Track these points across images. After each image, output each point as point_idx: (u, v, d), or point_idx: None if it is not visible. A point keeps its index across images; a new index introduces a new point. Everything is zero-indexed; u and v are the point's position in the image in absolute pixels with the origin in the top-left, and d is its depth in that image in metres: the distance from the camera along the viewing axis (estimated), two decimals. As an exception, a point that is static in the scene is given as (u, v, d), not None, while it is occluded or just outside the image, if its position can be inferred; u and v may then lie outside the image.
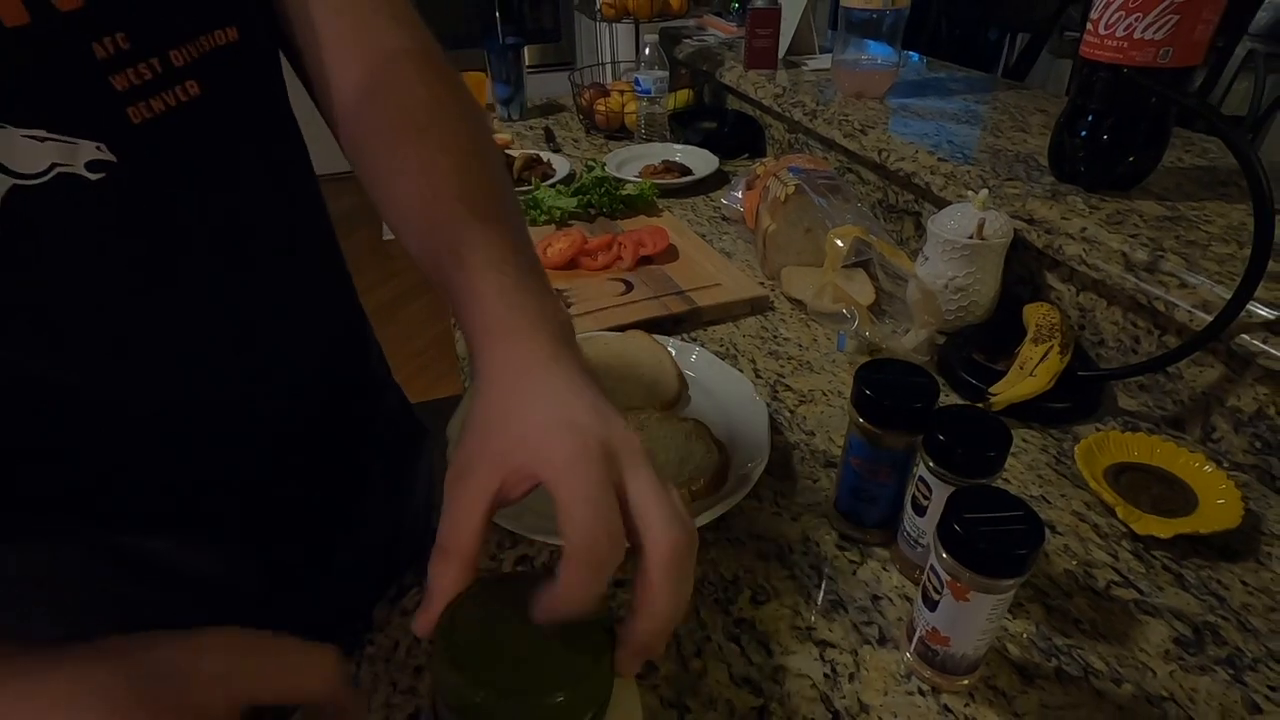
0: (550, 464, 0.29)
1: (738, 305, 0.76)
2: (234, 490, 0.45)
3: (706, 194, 1.08)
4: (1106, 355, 0.64)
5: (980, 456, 0.39)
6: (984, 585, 0.35)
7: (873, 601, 0.45)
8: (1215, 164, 0.74)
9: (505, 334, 0.34)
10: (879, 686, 0.40)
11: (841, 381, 0.65)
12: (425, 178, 0.39)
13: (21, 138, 0.30)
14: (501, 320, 0.34)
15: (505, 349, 0.33)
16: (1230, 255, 0.56)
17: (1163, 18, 0.58)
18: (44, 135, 0.31)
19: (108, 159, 0.33)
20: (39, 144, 0.31)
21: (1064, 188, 0.69)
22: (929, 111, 0.95)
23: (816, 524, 0.50)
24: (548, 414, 0.31)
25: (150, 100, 0.34)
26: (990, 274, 0.67)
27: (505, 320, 0.34)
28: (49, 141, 0.31)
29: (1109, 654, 0.41)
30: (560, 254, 0.82)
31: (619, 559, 0.28)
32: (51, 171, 0.31)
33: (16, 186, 0.31)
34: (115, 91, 0.33)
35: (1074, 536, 0.49)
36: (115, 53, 0.33)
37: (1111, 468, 0.53)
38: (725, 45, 1.41)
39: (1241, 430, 0.55)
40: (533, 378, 0.32)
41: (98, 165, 0.33)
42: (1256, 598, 0.44)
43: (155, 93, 0.34)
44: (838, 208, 0.76)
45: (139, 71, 0.34)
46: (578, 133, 1.39)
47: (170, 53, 0.35)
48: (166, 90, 0.35)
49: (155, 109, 0.35)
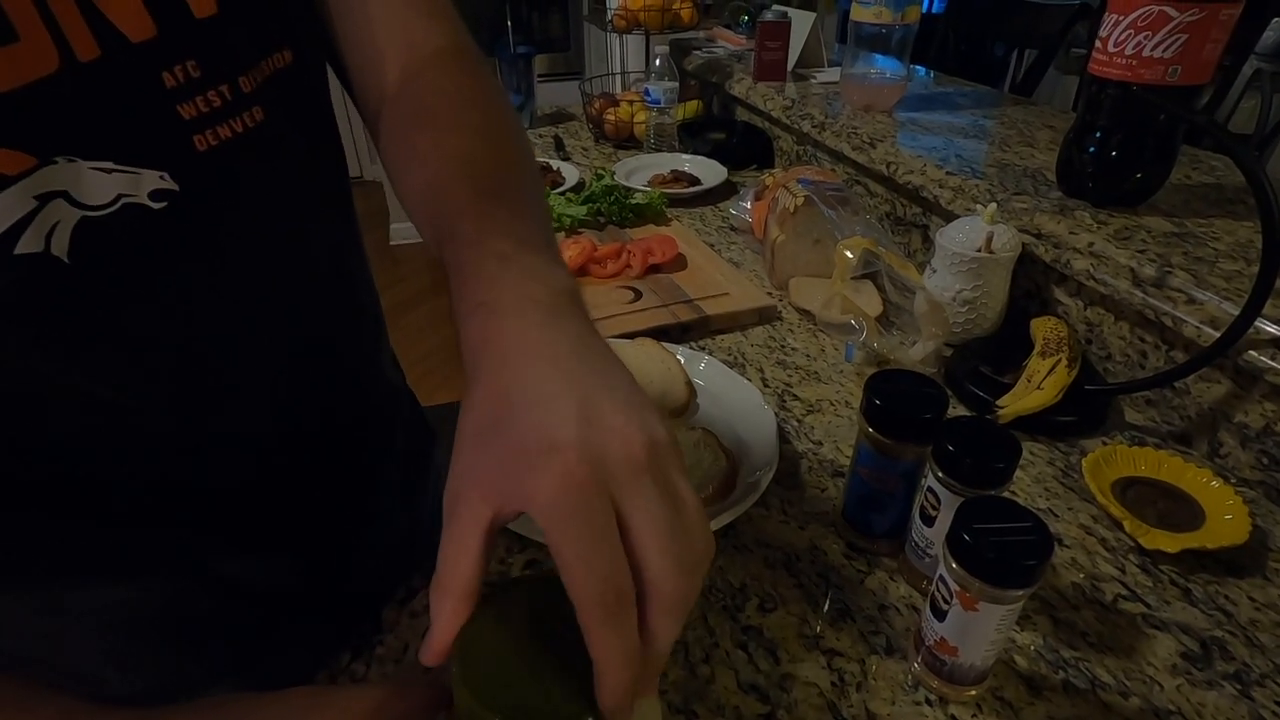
0: (534, 501, 0.25)
1: (746, 314, 0.77)
2: (261, 495, 0.45)
3: (715, 204, 1.09)
4: (1114, 370, 0.64)
5: (989, 468, 0.39)
6: (993, 595, 0.35)
7: (880, 611, 0.45)
8: (1223, 181, 0.75)
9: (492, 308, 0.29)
10: (886, 696, 0.40)
11: (849, 392, 0.65)
12: (433, 162, 0.37)
13: (89, 170, 0.30)
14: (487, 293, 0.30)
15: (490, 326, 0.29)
16: (1238, 272, 0.57)
17: (1172, 36, 0.58)
18: (111, 167, 0.31)
19: (170, 188, 0.33)
20: (106, 175, 0.31)
21: (1072, 203, 0.70)
22: (937, 125, 0.96)
23: (824, 533, 0.50)
24: (527, 431, 0.26)
25: (217, 127, 0.35)
26: (998, 287, 0.68)
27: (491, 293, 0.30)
28: (115, 173, 0.31)
29: (1116, 667, 0.41)
30: (570, 261, 0.83)
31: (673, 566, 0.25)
32: (118, 203, 0.32)
33: (85, 219, 0.31)
34: (182, 120, 0.33)
35: (1081, 550, 0.49)
36: (185, 81, 0.33)
37: (1118, 482, 0.53)
38: (734, 57, 1.43)
39: (1249, 446, 0.55)
40: (515, 371, 0.27)
41: (160, 195, 0.33)
42: (1264, 613, 0.44)
43: (223, 120, 0.35)
44: (846, 219, 0.77)
45: (208, 99, 0.34)
46: (587, 142, 1.40)
47: (240, 79, 0.35)
48: (234, 117, 0.35)
49: (221, 135, 0.35)
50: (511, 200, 0.35)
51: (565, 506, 0.24)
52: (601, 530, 0.24)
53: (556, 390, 0.27)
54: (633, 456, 0.25)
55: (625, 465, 0.25)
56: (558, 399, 0.26)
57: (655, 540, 0.25)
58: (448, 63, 0.43)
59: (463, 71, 0.42)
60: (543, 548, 0.48)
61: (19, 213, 0.29)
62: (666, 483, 0.26)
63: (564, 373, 0.27)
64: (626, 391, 0.27)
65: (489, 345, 0.29)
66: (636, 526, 0.25)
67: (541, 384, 0.27)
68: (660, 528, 0.25)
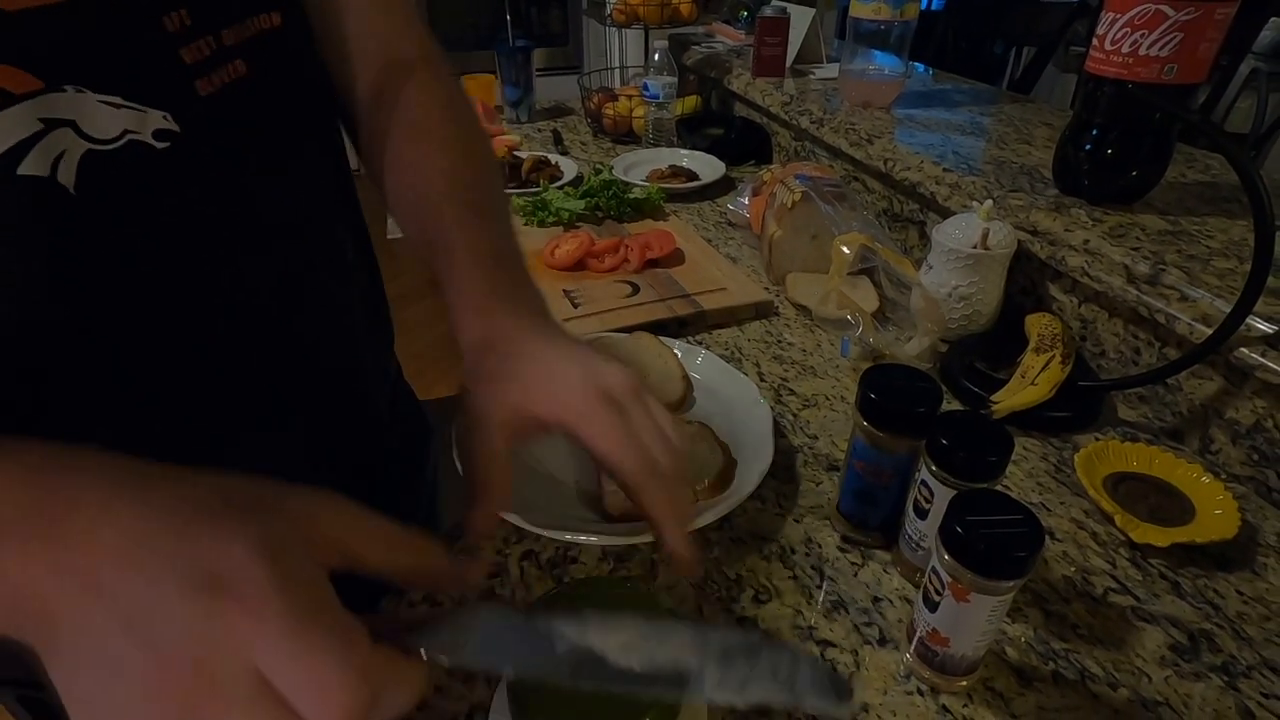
0: (570, 409, 0.35)
1: (743, 309, 0.77)
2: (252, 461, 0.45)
3: (712, 199, 1.09)
4: (1107, 366, 0.65)
5: (982, 461, 0.40)
6: (984, 587, 0.35)
7: (873, 603, 0.45)
8: (1217, 180, 0.75)
9: (491, 311, 0.38)
10: (879, 686, 0.40)
11: (845, 387, 0.66)
12: (420, 175, 0.44)
13: (97, 102, 0.32)
14: (485, 301, 0.39)
15: (492, 323, 0.38)
16: (1231, 270, 0.57)
17: (1168, 35, 0.59)
18: (119, 102, 0.32)
19: (172, 129, 0.35)
20: (114, 110, 0.32)
21: (1068, 200, 0.70)
22: (934, 122, 0.96)
23: (819, 526, 0.51)
24: (552, 370, 0.36)
25: (212, 75, 0.36)
26: (993, 284, 0.68)
27: (489, 301, 0.39)
28: (123, 109, 0.33)
29: (1105, 659, 0.42)
30: (568, 255, 0.83)
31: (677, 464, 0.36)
32: (124, 138, 0.33)
33: (92, 151, 0.32)
34: (185, 64, 0.35)
35: (1072, 543, 0.49)
36: (181, 27, 0.34)
37: (1110, 477, 0.53)
38: (734, 53, 1.43)
39: (1239, 442, 0.55)
40: (525, 343, 0.37)
41: (164, 135, 0.34)
42: (1251, 607, 0.45)
43: (215, 68, 0.36)
44: (844, 215, 0.77)
45: (199, 47, 0.36)
46: (585, 136, 1.40)
47: (222, 32, 0.37)
48: (220, 67, 0.37)
49: (216, 83, 0.37)
50: (491, 214, 0.43)
51: (595, 408, 0.35)
52: (625, 420, 0.35)
53: (559, 355, 0.37)
54: (628, 387, 0.36)
55: (623, 392, 0.36)
56: (561, 360, 0.37)
57: (655, 437, 0.35)
58: (423, 73, 0.46)
59: (437, 81, 0.47)
60: (539, 539, 0.48)
61: (22, 133, 0.30)
62: (652, 405, 0.37)
63: (560, 348, 0.37)
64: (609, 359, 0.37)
65: (499, 332, 0.38)
66: (639, 429, 0.35)
67: (546, 352, 0.37)
68: (656, 428, 0.36)
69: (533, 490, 0.51)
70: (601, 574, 0.47)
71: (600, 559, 0.48)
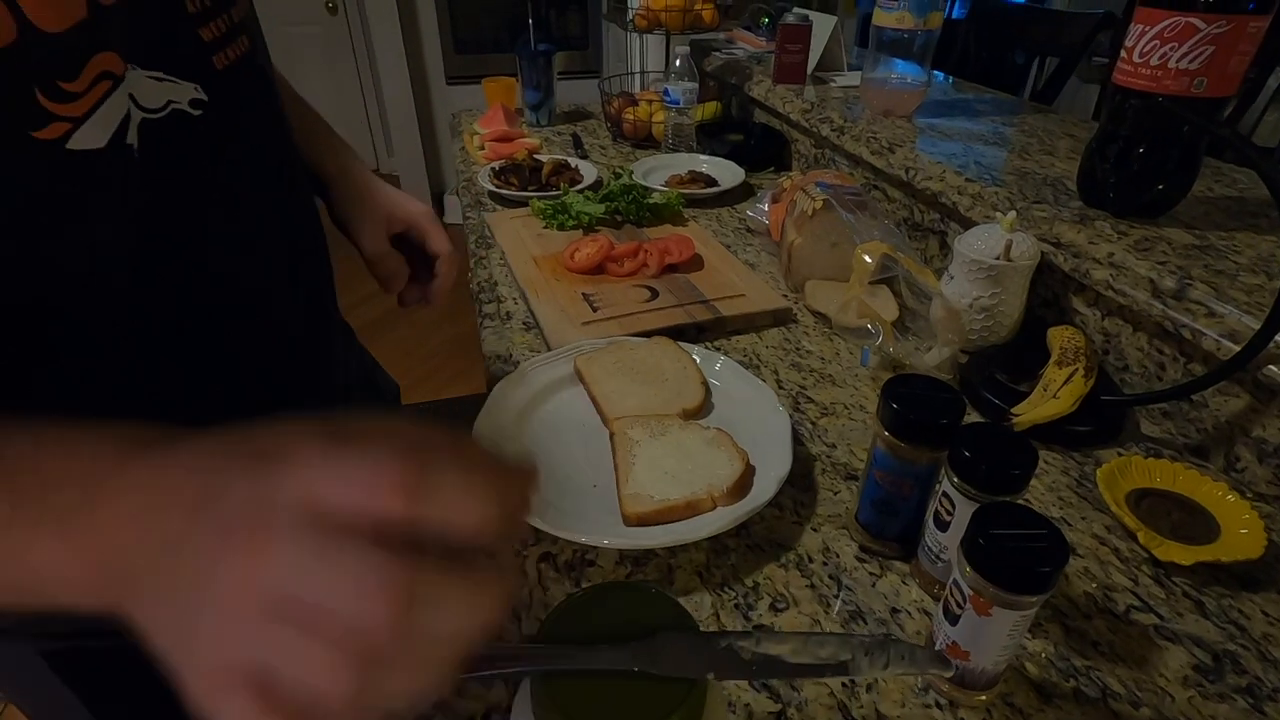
0: (420, 215, 0.66)
1: (761, 316, 0.77)
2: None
3: (732, 205, 1.09)
4: (1131, 381, 0.64)
5: (1005, 474, 0.40)
6: (1007, 601, 0.35)
7: (891, 614, 0.45)
8: (1245, 194, 0.74)
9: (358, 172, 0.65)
10: (896, 698, 0.40)
11: (864, 396, 0.66)
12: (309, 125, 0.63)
13: (146, 78, 0.38)
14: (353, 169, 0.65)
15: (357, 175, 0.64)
16: (1259, 286, 0.56)
17: (1198, 48, 0.58)
18: (162, 76, 0.39)
19: (202, 98, 0.41)
20: (158, 84, 0.38)
21: (1092, 213, 0.69)
22: (956, 132, 0.96)
23: (836, 535, 0.50)
24: (401, 197, 0.66)
25: (226, 50, 0.43)
26: (1015, 295, 0.68)
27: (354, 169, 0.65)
28: (165, 82, 0.39)
29: (1127, 677, 0.41)
30: (588, 259, 0.84)
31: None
32: (168, 108, 0.39)
33: (145, 119, 0.38)
34: (204, 41, 0.41)
35: (1094, 559, 0.49)
36: (200, 9, 0.41)
37: (1133, 493, 0.53)
38: (754, 59, 1.43)
39: (1266, 461, 0.55)
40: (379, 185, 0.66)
41: (197, 104, 0.41)
42: (1278, 628, 0.44)
43: (228, 43, 0.43)
44: (864, 223, 0.77)
45: (218, 25, 0.42)
46: (604, 140, 1.41)
47: (231, 10, 0.44)
48: (232, 42, 0.44)
49: (229, 57, 0.43)
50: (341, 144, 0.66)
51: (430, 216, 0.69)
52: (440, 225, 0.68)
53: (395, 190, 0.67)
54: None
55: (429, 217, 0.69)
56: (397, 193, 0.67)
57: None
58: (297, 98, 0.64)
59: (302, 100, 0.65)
60: (557, 541, 0.48)
61: (124, 107, 0.36)
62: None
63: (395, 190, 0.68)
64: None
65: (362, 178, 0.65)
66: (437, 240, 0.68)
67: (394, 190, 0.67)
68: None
69: (551, 493, 0.51)
70: (619, 577, 0.47)
71: (618, 562, 0.48)
